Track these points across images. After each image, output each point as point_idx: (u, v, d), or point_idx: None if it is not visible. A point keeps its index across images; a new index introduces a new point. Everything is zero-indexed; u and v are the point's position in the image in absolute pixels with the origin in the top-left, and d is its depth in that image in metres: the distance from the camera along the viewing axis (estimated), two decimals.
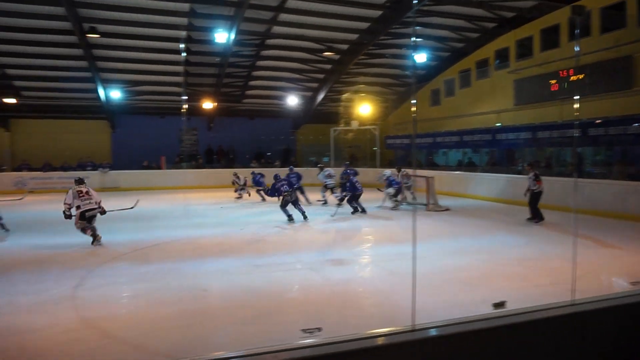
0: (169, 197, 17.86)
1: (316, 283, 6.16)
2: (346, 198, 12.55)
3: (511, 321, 2.86)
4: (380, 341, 2.55)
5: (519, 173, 15.00)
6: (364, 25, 18.07)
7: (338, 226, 10.92)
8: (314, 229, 10.54)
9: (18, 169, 20.58)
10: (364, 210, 12.50)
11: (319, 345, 2.40)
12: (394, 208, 13.51)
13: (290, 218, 11.01)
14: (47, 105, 21.97)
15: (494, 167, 17.50)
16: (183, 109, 21.45)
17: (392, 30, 17.96)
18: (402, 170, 14.73)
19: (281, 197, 11.23)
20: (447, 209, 13.27)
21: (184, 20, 16.93)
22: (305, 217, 11.23)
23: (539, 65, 15.98)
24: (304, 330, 2.64)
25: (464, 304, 5.20)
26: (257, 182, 15.51)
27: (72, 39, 17.24)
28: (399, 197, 13.82)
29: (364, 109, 23.24)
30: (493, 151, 18.57)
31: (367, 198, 13.07)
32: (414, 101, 14.74)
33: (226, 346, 4.26)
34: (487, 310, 3.16)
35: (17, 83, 20.63)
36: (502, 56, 18.30)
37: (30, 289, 5.83)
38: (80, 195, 8.69)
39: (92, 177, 20.08)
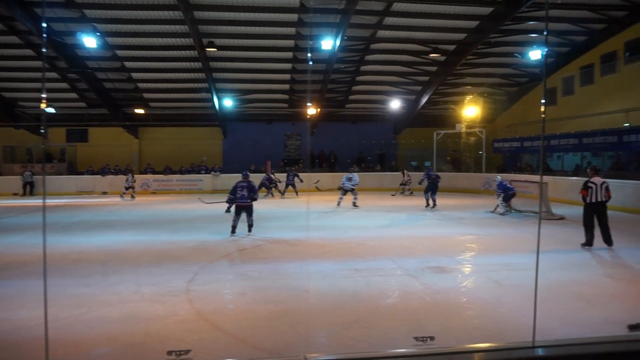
0: (273, 200, 18.64)
1: (416, 290, 6.01)
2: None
3: None
4: (496, 356, 2.39)
5: None
6: (473, 23, 17.37)
7: (439, 232, 10.56)
8: (414, 234, 10.31)
9: (144, 171, 22.96)
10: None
11: (432, 354, 2.30)
12: (503, 214, 12.84)
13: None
14: (169, 114, 24.34)
15: (618, 172, 15.71)
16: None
17: (503, 27, 16.99)
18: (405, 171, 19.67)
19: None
20: (561, 218, 12.21)
21: (291, 30, 17.64)
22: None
23: None
24: (417, 338, 2.56)
25: (583, 324, 4.74)
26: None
27: (192, 53, 18.89)
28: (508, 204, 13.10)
29: (470, 111, 22.23)
30: (618, 154, 16.69)
31: (473, 204, 12.45)
32: (544, 100, 13.78)
33: (328, 348, 4.32)
34: (612, 332, 2.84)
35: (146, 95, 23.07)
36: (633, 48, 16.36)
37: (152, 280, 6.45)
38: None
39: (206, 180, 21.81)
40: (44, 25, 18.46)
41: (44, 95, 20.79)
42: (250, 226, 10.08)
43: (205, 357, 4.01)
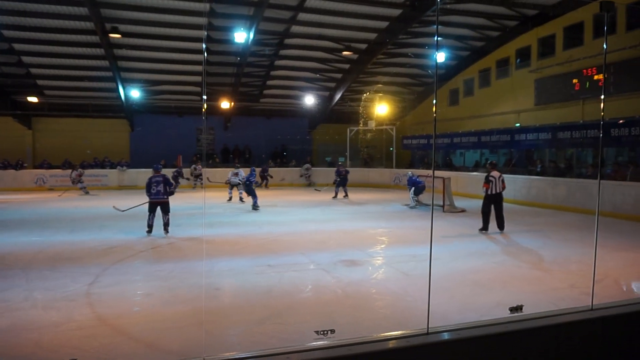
0: (185, 195, 18.00)
1: (329, 284, 6.10)
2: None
3: (528, 326, 2.78)
4: (394, 344, 2.50)
5: (538, 174, 14.74)
6: (383, 24, 17.97)
7: (352, 226, 10.85)
8: (328, 229, 10.49)
9: (39, 166, 20.97)
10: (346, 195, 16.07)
11: (332, 347, 2.36)
12: (413, 207, 13.61)
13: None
14: (68, 104, 22.46)
15: (511, 168, 17.23)
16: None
17: (412, 29, 17.81)
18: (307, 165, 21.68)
19: None
20: (462, 210, 13.12)
21: (203, 20, 17.05)
22: None
23: (562, 64, 15.66)
24: (317, 332, 2.60)
25: (479, 308, 5.11)
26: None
27: (94, 39, 17.55)
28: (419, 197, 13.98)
29: (382, 108, 23.07)
30: (511, 152, 18.28)
31: (385, 199, 12.95)
32: (435, 101, 14.67)
33: (238, 346, 4.24)
34: (503, 314, 3.08)
35: (40, 82, 21.07)
36: (523, 55, 18.01)
37: (46, 285, 5.90)
38: None
39: (111, 175, 20.44)
40: None
41: None
42: (166, 225, 9.37)
43: None
